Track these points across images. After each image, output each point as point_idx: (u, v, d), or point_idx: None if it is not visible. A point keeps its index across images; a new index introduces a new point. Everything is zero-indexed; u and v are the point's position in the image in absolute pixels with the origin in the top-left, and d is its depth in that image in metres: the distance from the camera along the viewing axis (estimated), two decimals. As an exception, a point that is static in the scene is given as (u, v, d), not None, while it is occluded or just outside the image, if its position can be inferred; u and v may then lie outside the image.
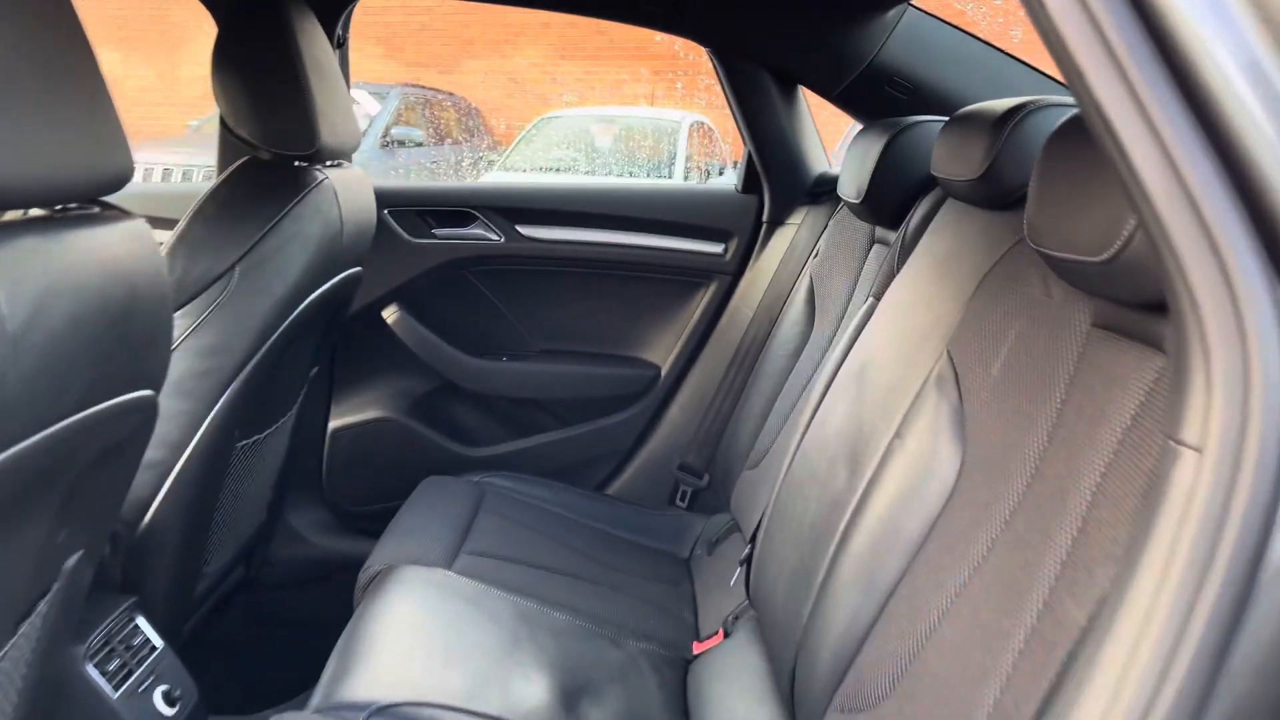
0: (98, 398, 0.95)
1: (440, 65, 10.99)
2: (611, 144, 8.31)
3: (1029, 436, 0.99)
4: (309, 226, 1.55)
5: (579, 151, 8.19)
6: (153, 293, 1.00)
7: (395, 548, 1.69)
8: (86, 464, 1.02)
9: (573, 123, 8.71)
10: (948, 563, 1.05)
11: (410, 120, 8.78)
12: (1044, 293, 1.05)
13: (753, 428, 1.98)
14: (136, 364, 1.01)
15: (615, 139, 8.37)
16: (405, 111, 8.74)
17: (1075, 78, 0.58)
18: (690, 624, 1.75)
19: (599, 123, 8.62)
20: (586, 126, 8.57)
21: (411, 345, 2.22)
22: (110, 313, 0.91)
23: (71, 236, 0.88)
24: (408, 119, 8.73)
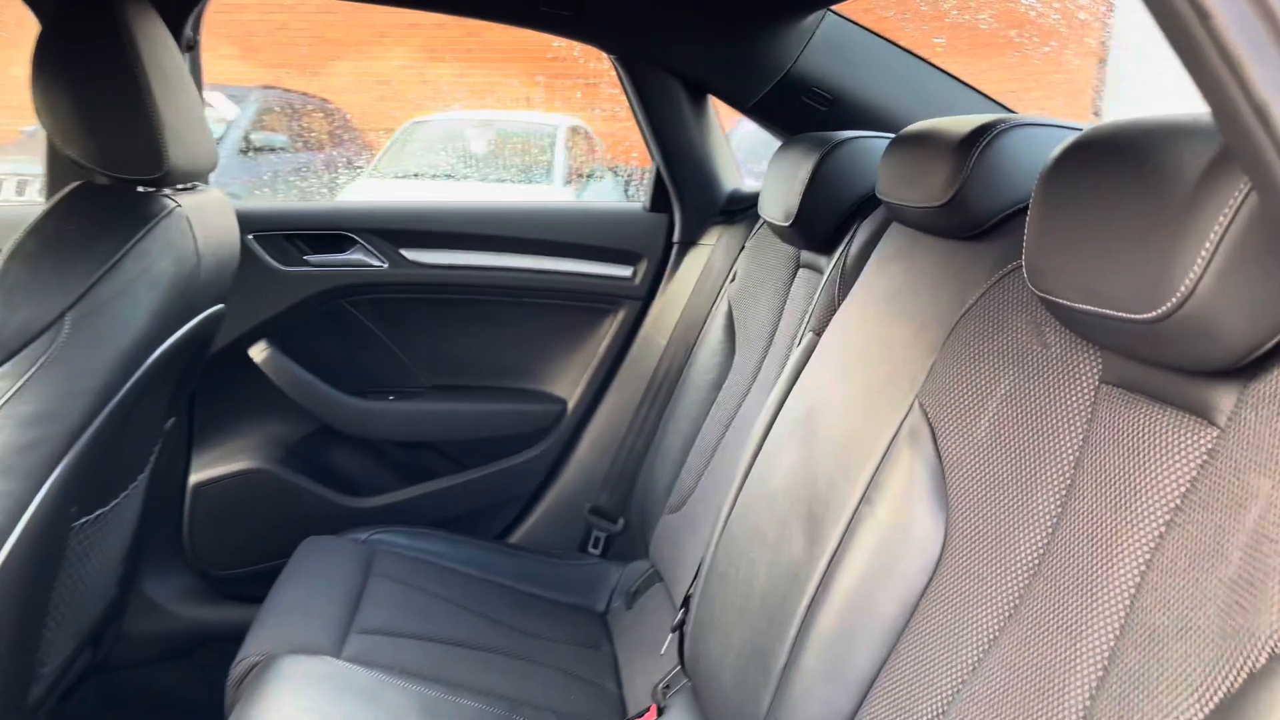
0: None
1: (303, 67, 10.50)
2: (487, 149, 8.08)
3: (1033, 509, 0.85)
4: (158, 264, 1.30)
5: (453, 157, 7.93)
6: None
7: (272, 632, 1.46)
8: None
9: (446, 127, 8.44)
10: (939, 654, 0.90)
11: (273, 125, 8.32)
12: (1037, 341, 0.92)
13: (672, 467, 1.82)
14: None
15: (490, 144, 8.14)
16: (266, 116, 8.28)
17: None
18: (615, 695, 1.58)
19: (473, 127, 8.37)
20: (460, 131, 8.32)
21: (284, 386, 1.97)
22: None
23: None
24: (270, 124, 8.28)
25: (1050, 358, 0.90)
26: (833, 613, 1.04)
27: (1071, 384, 0.86)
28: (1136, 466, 0.76)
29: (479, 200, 2.10)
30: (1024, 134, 1.06)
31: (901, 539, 0.99)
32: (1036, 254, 0.83)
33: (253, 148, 7.92)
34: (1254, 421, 0.66)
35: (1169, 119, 0.73)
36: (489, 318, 2.07)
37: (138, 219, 1.31)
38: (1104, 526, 0.77)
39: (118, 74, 1.28)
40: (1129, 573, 0.73)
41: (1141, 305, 0.69)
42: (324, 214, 2.00)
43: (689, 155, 1.96)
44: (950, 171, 1.08)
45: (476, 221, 2.03)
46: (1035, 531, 0.85)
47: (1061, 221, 0.80)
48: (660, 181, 2.03)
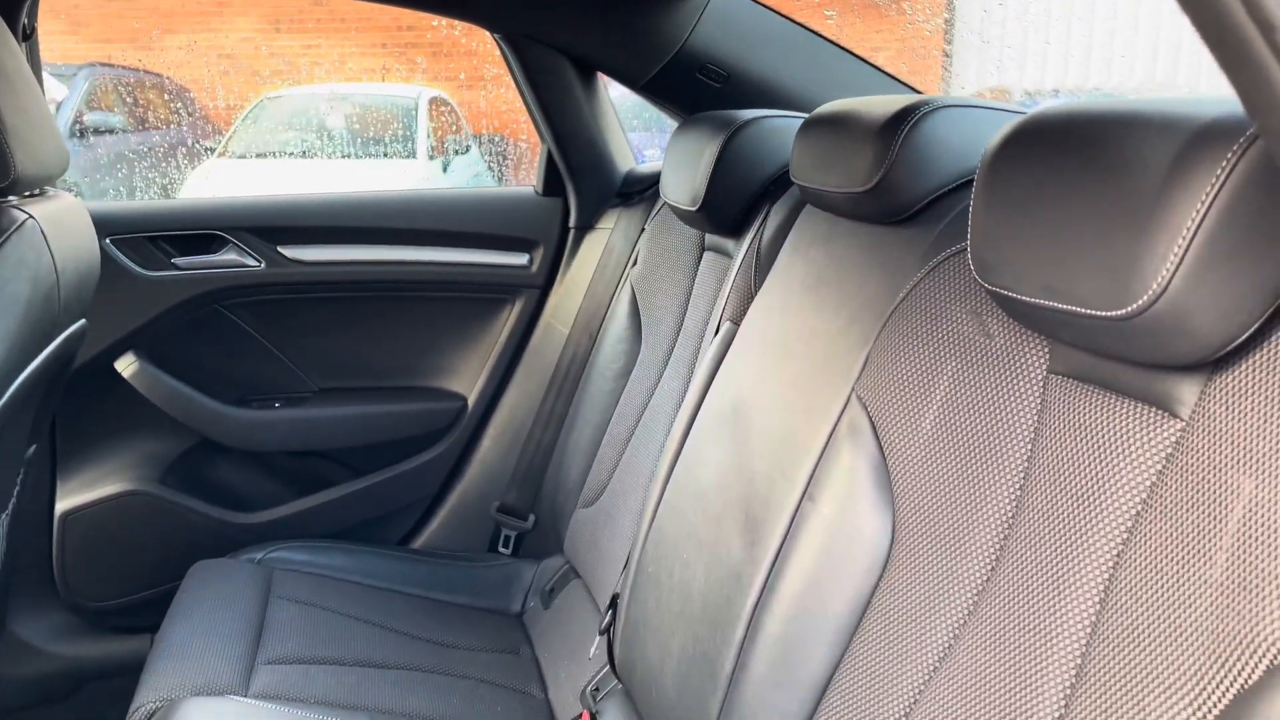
0: None
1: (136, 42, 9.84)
2: (344, 124, 7.77)
3: (985, 505, 0.84)
4: (12, 285, 1.16)
5: (309, 133, 7.59)
6: None
7: (170, 674, 1.35)
8: None
9: (298, 102, 8.05)
10: (896, 656, 0.89)
11: (107, 104, 7.77)
12: (979, 331, 0.91)
13: (582, 460, 1.77)
14: None
15: (348, 118, 7.83)
16: (99, 95, 7.73)
17: None
18: (542, 701, 1.53)
19: (328, 101, 8.02)
20: (314, 106, 7.96)
21: (156, 401, 1.82)
22: None
23: None
24: (103, 103, 7.73)
25: (994, 348, 0.88)
26: (780, 615, 1.01)
27: (1019, 375, 0.85)
28: (1097, 459, 0.75)
29: (360, 191, 1.97)
30: (950, 115, 1.04)
31: (848, 536, 0.97)
32: (985, 247, 0.81)
33: (87, 130, 7.39)
34: (1225, 416, 0.65)
35: (1124, 105, 0.71)
36: (378, 314, 1.96)
37: (-16, 235, 1.16)
38: (1066, 523, 0.76)
39: (-52, 73, 1.13)
40: (1098, 569, 0.72)
41: (1108, 303, 0.67)
42: (191, 212, 1.84)
43: (582, 137, 1.89)
44: (874, 155, 1.05)
45: (359, 213, 1.92)
46: (990, 526, 0.83)
47: (1012, 212, 0.78)
48: (552, 164, 1.95)
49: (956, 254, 0.96)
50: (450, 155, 7.76)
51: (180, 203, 1.90)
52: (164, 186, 6.89)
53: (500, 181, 7.21)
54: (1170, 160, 0.64)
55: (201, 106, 9.26)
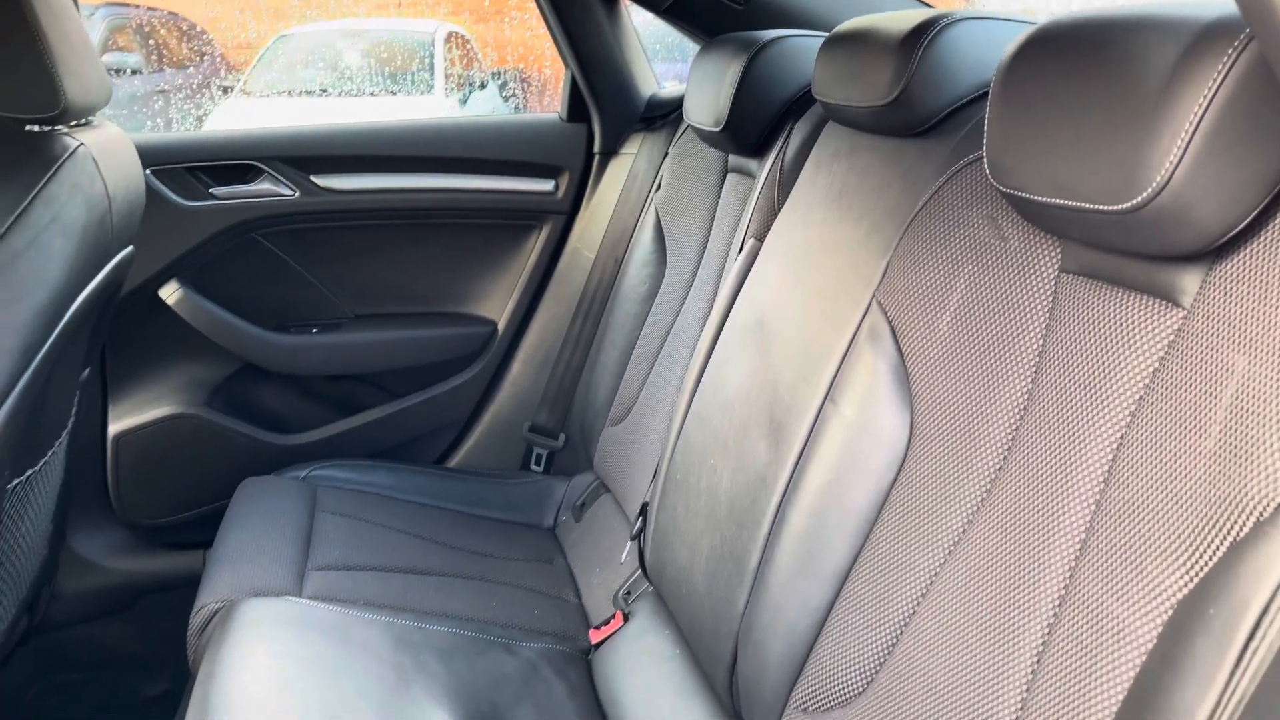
0: None
1: (151, -20, 9.78)
2: (361, 60, 7.74)
3: (999, 399, 0.89)
4: (68, 209, 1.22)
5: (326, 71, 7.56)
6: None
7: (227, 577, 1.43)
8: None
9: (315, 39, 8.02)
10: (913, 543, 0.95)
11: (124, 45, 7.77)
12: (995, 235, 0.95)
13: (610, 380, 1.82)
14: None
15: (365, 55, 7.80)
16: (116, 34, 7.72)
17: None
18: (576, 605, 1.61)
19: (344, 38, 7.98)
20: (331, 43, 7.92)
21: (200, 327, 1.89)
22: None
23: None
24: (120, 43, 7.73)
25: (1009, 250, 0.92)
26: (804, 510, 1.07)
27: (1031, 275, 0.89)
28: (1103, 350, 0.79)
29: (390, 120, 2.01)
30: (968, 28, 1.07)
31: (868, 435, 1.02)
32: (1000, 151, 0.85)
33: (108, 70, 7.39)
34: (1223, 301, 0.70)
35: (1130, 11, 0.74)
36: (410, 242, 2.02)
37: (40, 162, 1.22)
38: (1073, 409, 0.81)
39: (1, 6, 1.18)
40: (1102, 451, 0.77)
41: (1114, 197, 0.71)
42: (227, 143, 1.89)
43: (606, 62, 1.92)
44: (894, 69, 1.08)
45: (389, 142, 1.96)
46: (1003, 419, 0.88)
47: (1025, 117, 0.82)
48: (576, 90, 1.98)
49: (973, 162, 1.00)
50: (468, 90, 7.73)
51: (217, 133, 1.94)
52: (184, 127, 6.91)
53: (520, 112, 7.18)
54: (1173, 60, 0.67)
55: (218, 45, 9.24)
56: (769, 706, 1.07)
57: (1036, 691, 0.77)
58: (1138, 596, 0.70)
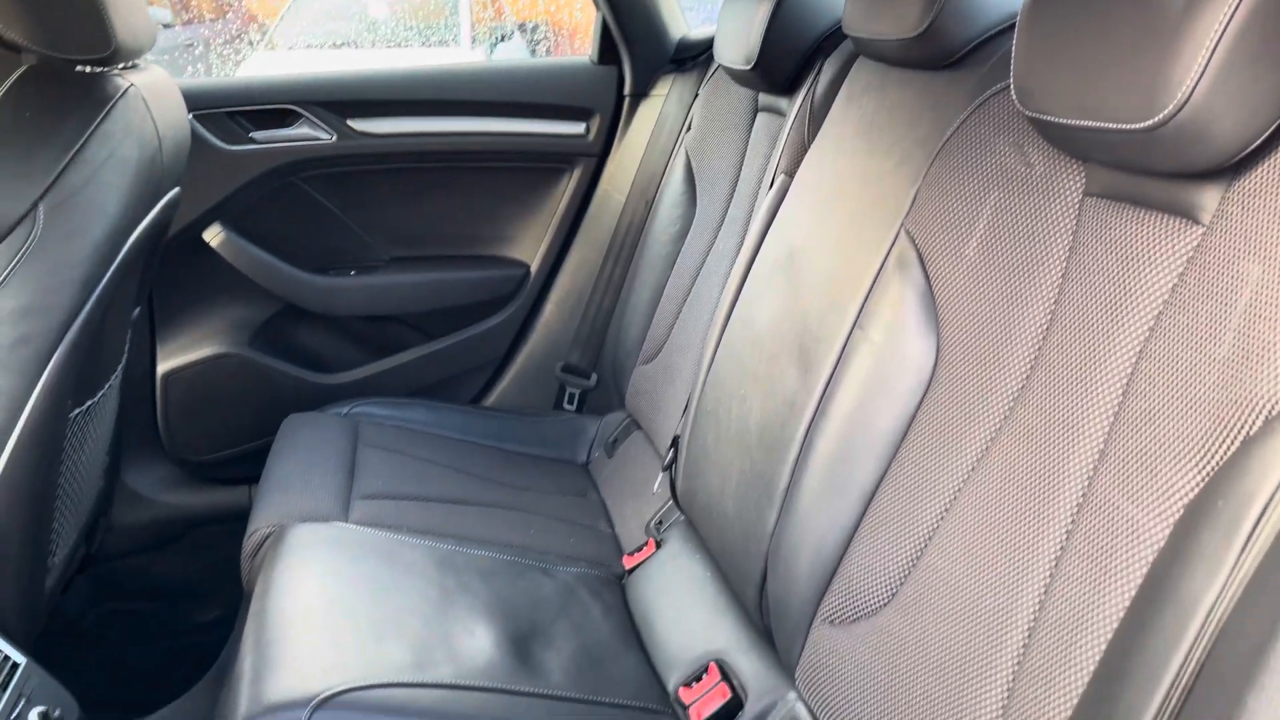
0: None
1: (176, -66, 9.78)
2: (386, 12, 7.72)
3: (1023, 320, 0.92)
4: (123, 147, 1.27)
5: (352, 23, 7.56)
6: None
7: (277, 504, 1.49)
8: None
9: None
10: (938, 460, 0.98)
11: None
12: (1020, 161, 0.97)
13: (641, 320, 1.86)
14: None
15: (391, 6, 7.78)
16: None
17: None
18: (610, 535, 1.66)
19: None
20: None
21: (243, 269, 1.95)
22: None
23: None
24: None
25: (1034, 175, 0.95)
26: (832, 433, 1.11)
27: (1056, 198, 0.92)
28: (1124, 268, 0.82)
29: (424, 65, 2.04)
30: (999, -40, 1.08)
31: (895, 359, 1.05)
32: (1026, 75, 0.87)
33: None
34: (1240, 215, 0.72)
35: (1156, -66, 0.76)
36: (444, 185, 2.05)
37: (94, 101, 1.26)
38: (1095, 327, 0.84)
39: (52, -55, 1.22)
40: (1121, 364, 0.80)
41: (1136, 116, 0.74)
42: (266, 88, 1.93)
43: (636, 4, 1.93)
44: (923, 2, 1.10)
45: (422, 86, 1.99)
46: (1026, 339, 0.91)
47: (1050, 42, 0.84)
48: (607, 32, 2.00)
49: (1000, 92, 1.02)
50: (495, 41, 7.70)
51: (255, 78, 1.98)
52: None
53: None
54: (1196, -22, 0.69)
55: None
56: (797, 621, 1.11)
57: (1054, 593, 0.81)
58: (1151, 499, 0.73)
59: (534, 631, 1.29)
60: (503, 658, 1.21)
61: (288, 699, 1.07)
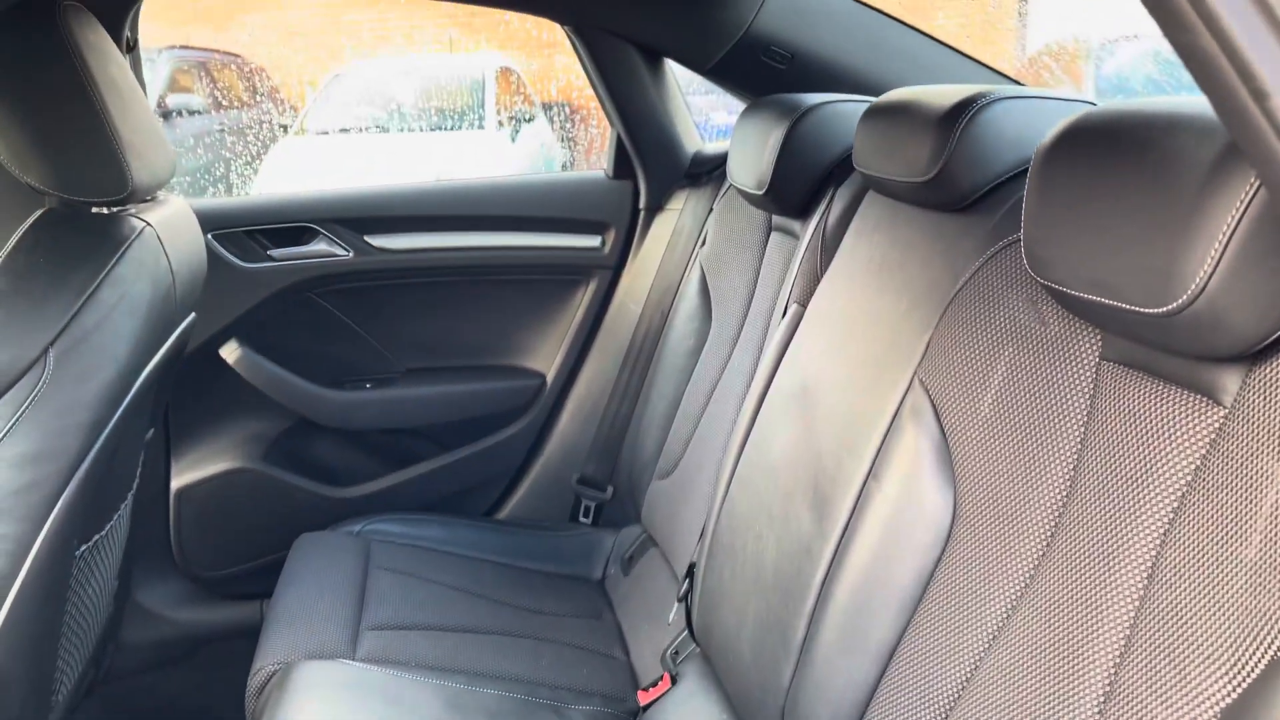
0: None
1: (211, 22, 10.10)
2: (414, 98, 7.90)
3: (1042, 484, 0.89)
4: (135, 287, 1.28)
5: (380, 108, 7.74)
6: None
7: (285, 638, 1.47)
8: None
9: (369, 77, 8.21)
10: (958, 625, 0.95)
11: (187, 86, 8.01)
12: (1035, 319, 0.95)
13: (657, 433, 1.84)
14: None
15: (418, 92, 7.96)
16: (180, 77, 7.96)
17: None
18: (624, 664, 1.62)
19: (398, 75, 8.16)
20: (385, 80, 8.11)
21: (258, 384, 1.95)
22: None
23: None
24: (184, 85, 7.97)
25: (1049, 335, 0.92)
26: (849, 586, 1.07)
27: (1072, 361, 0.89)
28: (1146, 444, 0.79)
29: (439, 181, 2.06)
30: (1008, 106, 1.08)
31: (911, 513, 1.02)
32: (1038, 242, 0.85)
33: (170, 112, 7.63)
34: (1263, 405, 0.69)
35: (1170, 107, 0.75)
36: (460, 298, 2.06)
37: (109, 244, 1.27)
38: (1116, 501, 0.80)
39: (71, 94, 1.24)
40: (1145, 547, 0.77)
41: (1152, 300, 0.71)
42: (283, 206, 1.95)
43: (650, 121, 1.95)
44: (934, 145, 1.09)
45: (438, 202, 2.01)
46: (1046, 504, 0.88)
47: (1062, 210, 0.82)
48: (622, 148, 2.02)
49: (1013, 243, 1.00)
50: (518, 124, 7.86)
51: (273, 197, 2.01)
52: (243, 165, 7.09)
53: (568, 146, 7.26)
54: (1209, 164, 0.68)
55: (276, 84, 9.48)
56: (815, 783, 1.07)
57: (1082, 790, 0.76)
58: (1180, 701, 0.69)
59: (543, 782, 1.25)
60: (509, 814, 1.17)
61: None
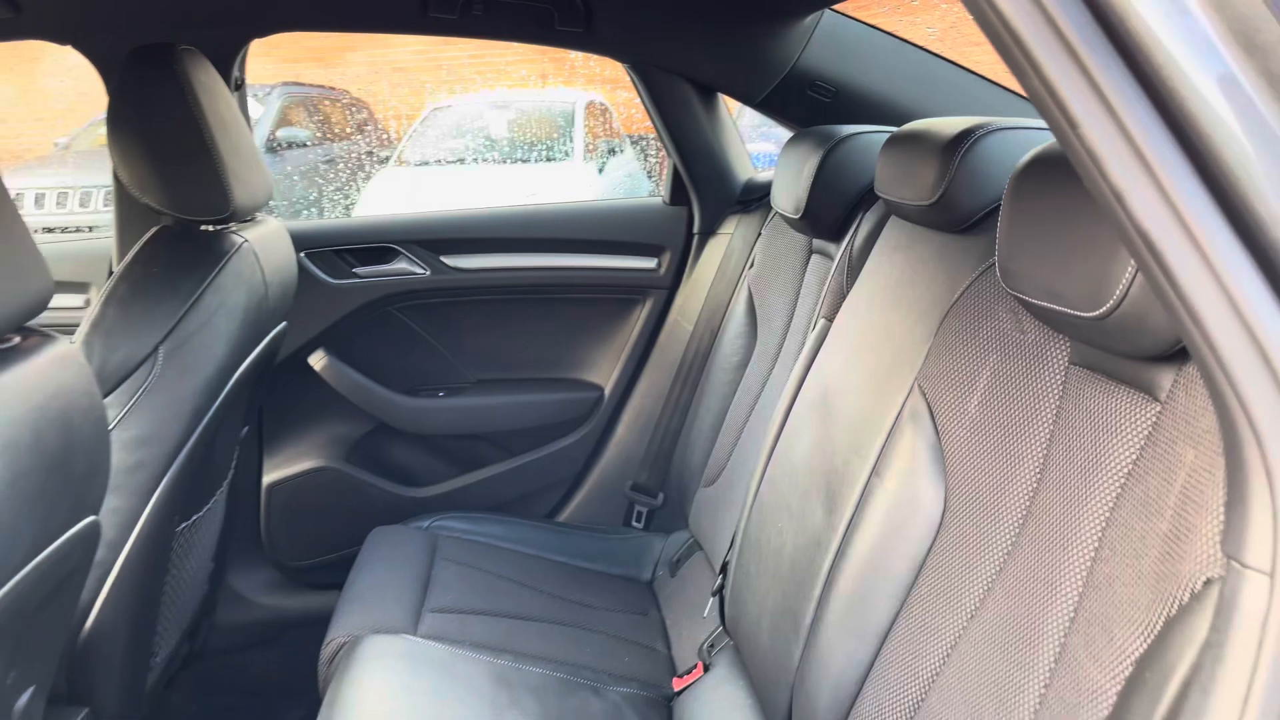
0: (44, 543, 0.87)
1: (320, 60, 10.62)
2: (507, 131, 8.17)
3: (1016, 477, 0.98)
4: (233, 296, 1.46)
5: (474, 140, 8.03)
6: (88, 421, 0.92)
7: (355, 615, 1.62)
8: (36, 606, 0.93)
9: (465, 111, 8.52)
10: (942, 607, 1.04)
11: (295, 120, 8.45)
12: (1016, 328, 1.05)
13: (705, 444, 1.95)
14: (79, 497, 0.93)
15: (510, 125, 8.23)
16: (289, 111, 8.41)
17: (1067, 126, 0.53)
18: (665, 655, 1.73)
19: (492, 109, 8.45)
20: (480, 114, 8.40)
21: (342, 390, 2.13)
22: (48, 458, 0.83)
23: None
24: (293, 119, 8.41)
25: (1027, 343, 1.02)
26: (852, 574, 1.17)
27: (1045, 365, 0.99)
28: (1097, 438, 0.88)
29: (510, 206, 2.23)
30: (1004, 137, 1.17)
31: (908, 507, 1.12)
32: (1008, 258, 0.95)
33: (279, 145, 8.08)
34: (1185, 399, 0.78)
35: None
36: (526, 314, 2.22)
37: (211, 257, 1.46)
38: (1072, 492, 0.90)
39: (185, 128, 1.43)
40: (1092, 530, 0.86)
41: (1089, 305, 0.81)
42: (368, 228, 2.14)
43: (704, 151, 2.08)
44: (937, 172, 1.20)
45: (509, 226, 2.17)
46: (1019, 498, 0.97)
47: (1026, 229, 0.92)
48: (678, 176, 2.15)
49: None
50: (604, 156, 8.06)
51: (359, 220, 2.20)
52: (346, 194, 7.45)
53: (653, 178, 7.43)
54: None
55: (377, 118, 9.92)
56: (817, 754, 1.16)
57: (1032, 746, 0.85)
58: (1109, 660, 0.78)
59: (578, 750, 1.37)
60: (544, 774, 1.29)
61: (342, 804, 1.17)
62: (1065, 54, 0.50)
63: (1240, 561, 0.53)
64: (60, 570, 0.94)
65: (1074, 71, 0.50)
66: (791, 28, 1.83)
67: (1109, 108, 0.50)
